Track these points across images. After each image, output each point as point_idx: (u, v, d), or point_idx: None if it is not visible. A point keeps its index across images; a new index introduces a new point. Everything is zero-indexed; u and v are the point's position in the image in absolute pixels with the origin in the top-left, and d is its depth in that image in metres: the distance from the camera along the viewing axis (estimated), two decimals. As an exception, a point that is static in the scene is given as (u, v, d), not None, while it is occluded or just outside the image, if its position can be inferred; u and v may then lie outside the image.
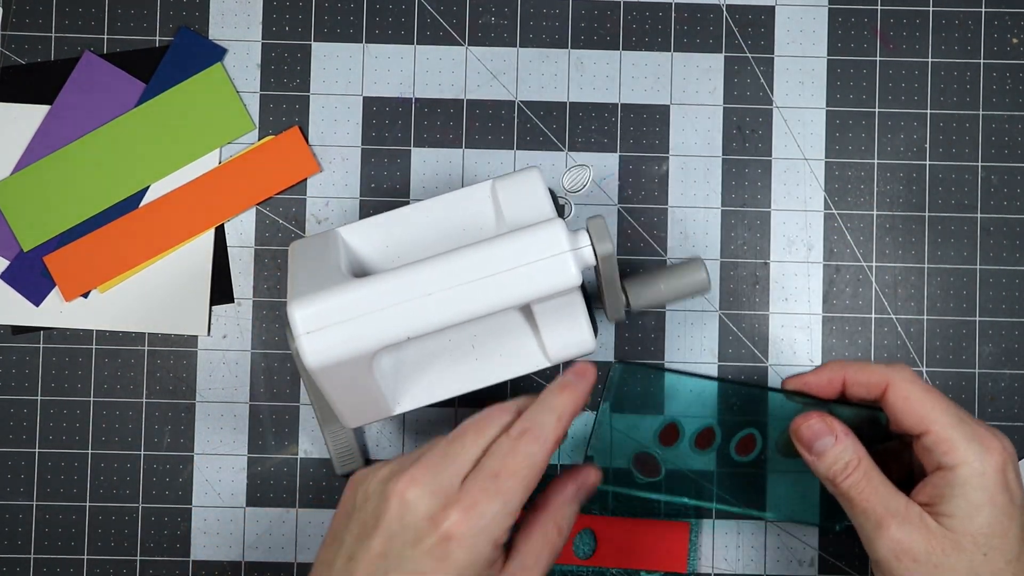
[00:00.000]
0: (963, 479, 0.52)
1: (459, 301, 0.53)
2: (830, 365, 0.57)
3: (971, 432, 0.53)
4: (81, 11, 0.69)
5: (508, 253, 0.54)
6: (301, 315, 0.53)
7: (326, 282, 0.54)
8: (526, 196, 0.57)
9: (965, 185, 0.69)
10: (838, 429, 0.54)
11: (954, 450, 0.52)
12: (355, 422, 0.59)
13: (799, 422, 0.55)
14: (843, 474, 0.54)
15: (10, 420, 0.68)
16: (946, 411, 0.53)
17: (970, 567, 0.52)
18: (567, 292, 0.55)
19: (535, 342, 0.59)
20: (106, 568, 0.67)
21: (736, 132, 0.69)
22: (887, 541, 0.53)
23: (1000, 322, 0.68)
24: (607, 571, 0.67)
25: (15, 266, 0.68)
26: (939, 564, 0.52)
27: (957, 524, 0.52)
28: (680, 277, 0.59)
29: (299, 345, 0.53)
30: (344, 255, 0.58)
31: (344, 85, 0.69)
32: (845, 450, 0.54)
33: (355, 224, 0.59)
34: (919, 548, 0.52)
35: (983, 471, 0.52)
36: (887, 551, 0.53)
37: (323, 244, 0.58)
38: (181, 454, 0.68)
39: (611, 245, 0.55)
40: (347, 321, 0.53)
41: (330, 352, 0.53)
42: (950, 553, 0.52)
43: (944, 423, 0.53)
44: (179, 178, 0.68)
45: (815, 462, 0.55)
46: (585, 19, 0.69)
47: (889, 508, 0.53)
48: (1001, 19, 0.69)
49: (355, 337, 0.53)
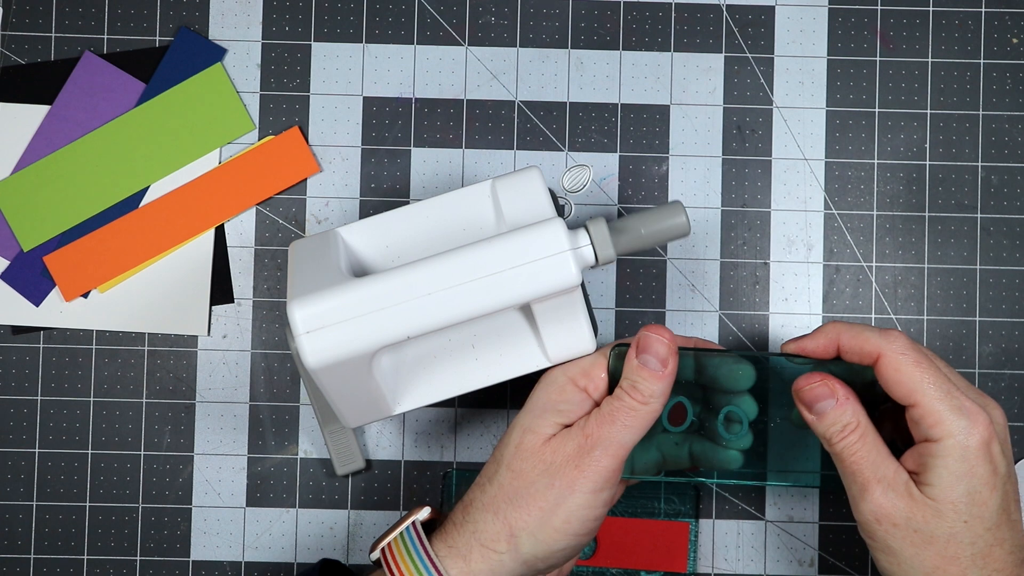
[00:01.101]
0: (946, 451, 0.53)
1: (459, 301, 0.53)
2: (827, 328, 0.58)
3: (958, 405, 0.54)
4: (81, 11, 0.69)
5: (508, 252, 0.53)
6: (301, 315, 0.53)
7: (326, 282, 0.54)
8: (526, 195, 0.57)
9: (965, 185, 0.69)
10: (839, 392, 0.55)
11: (939, 423, 0.53)
12: (355, 422, 0.59)
13: (801, 383, 0.56)
14: (839, 435, 0.55)
15: (10, 420, 0.68)
16: (935, 384, 0.54)
17: (951, 533, 0.53)
18: (567, 291, 0.55)
19: (535, 342, 0.59)
20: (106, 568, 0.67)
21: (736, 132, 0.69)
22: (870, 504, 0.54)
23: (1000, 322, 0.68)
24: (607, 571, 0.67)
25: (15, 266, 0.68)
26: (919, 530, 0.54)
27: (938, 493, 0.53)
28: (660, 221, 0.58)
29: (299, 345, 0.53)
30: (344, 255, 0.58)
31: (344, 85, 0.69)
32: (844, 413, 0.55)
33: (355, 224, 0.59)
34: (900, 514, 0.54)
35: (966, 444, 0.53)
36: (868, 513, 0.54)
37: (323, 244, 0.58)
38: (181, 454, 0.68)
39: (612, 251, 0.56)
40: (347, 321, 0.53)
41: (330, 352, 0.53)
42: (930, 520, 0.53)
43: (931, 396, 0.54)
44: (179, 178, 0.68)
45: (815, 422, 0.56)
46: (585, 19, 0.69)
47: (877, 473, 0.54)
48: (1001, 19, 0.69)
49: (355, 337, 0.53)
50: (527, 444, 0.56)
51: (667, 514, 0.67)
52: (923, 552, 0.54)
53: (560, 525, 0.55)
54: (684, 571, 0.67)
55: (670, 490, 0.67)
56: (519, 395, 0.68)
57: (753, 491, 0.68)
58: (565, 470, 0.55)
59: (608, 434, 0.55)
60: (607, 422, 0.55)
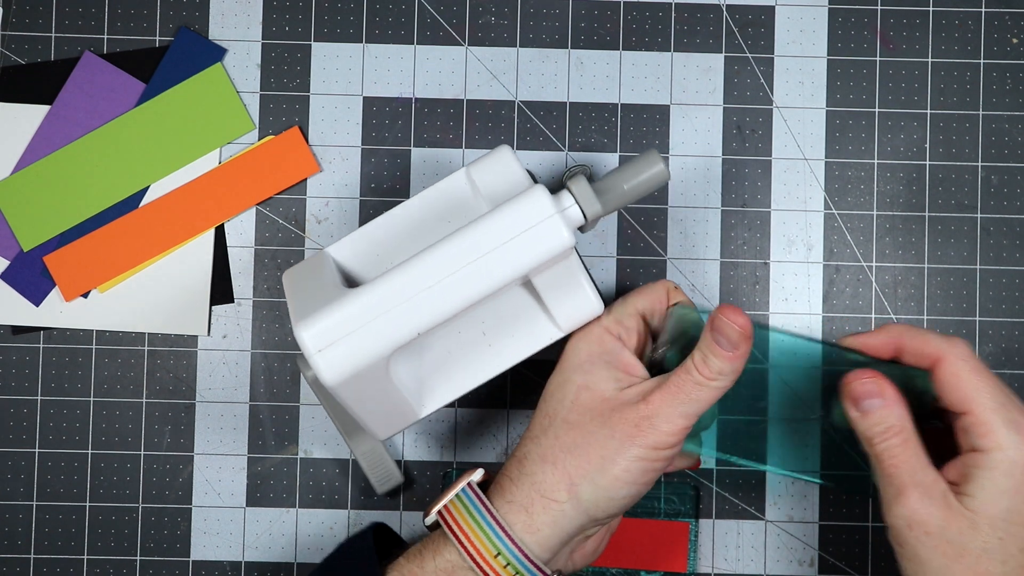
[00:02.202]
0: (994, 463, 0.52)
1: (460, 287, 0.53)
2: (890, 327, 0.57)
3: (1012, 419, 0.53)
4: (81, 11, 0.69)
5: (497, 229, 0.53)
6: (309, 334, 0.53)
7: (327, 299, 0.54)
8: (502, 174, 0.57)
9: (965, 185, 0.69)
10: (888, 393, 0.54)
11: (990, 433, 0.52)
12: (385, 432, 0.58)
13: (852, 377, 0.55)
14: (881, 436, 0.54)
15: (10, 420, 0.68)
16: (992, 395, 0.53)
17: (984, 548, 0.52)
18: (562, 256, 0.54)
19: (544, 316, 0.59)
20: (106, 568, 0.67)
21: (736, 132, 0.69)
22: (903, 509, 0.53)
23: (1000, 322, 0.68)
24: (607, 571, 0.67)
25: (15, 266, 0.68)
26: (952, 541, 0.52)
27: (978, 505, 0.52)
28: (640, 173, 0.57)
29: (314, 364, 0.53)
30: (337, 273, 0.58)
31: (344, 85, 0.69)
32: (890, 414, 0.54)
33: (341, 241, 0.59)
34: (935, 522, 0.52)
35: (1015, 459, 0.52)
36: (901, 519, 0.53)
37: (315, 267, 0.58)
38: (181, 454, 0.68)
39: (598, 206, 0.55)
40: (356, 331, 0.53)
41: (346, 365, 0.53)
42: (965, 532, 0.52)
43: (986, 406, 0.53)
44: (179, 178, 0.68)
45: (859, 418, 0.55)
46: (585, 19, 0.69)
47: (915, 478, 0.53)
48: (1001, 19, 0.69)
49: (367, 345, 0.53)
50: (584, 400, 0.55)
51: (667, 514, 0.67)
52: (953, 565, 0.52)
53: (620, 473, 0.54)
54: (684, 571, 0.67)
55: (670, 490, 0.67)
56: (519, 394, 0.68)
57: (753, 491, 0.68)
58: (625, 427, 0.54)
59: (671, 406, 0.54)
60: (671, 393, 0.54)
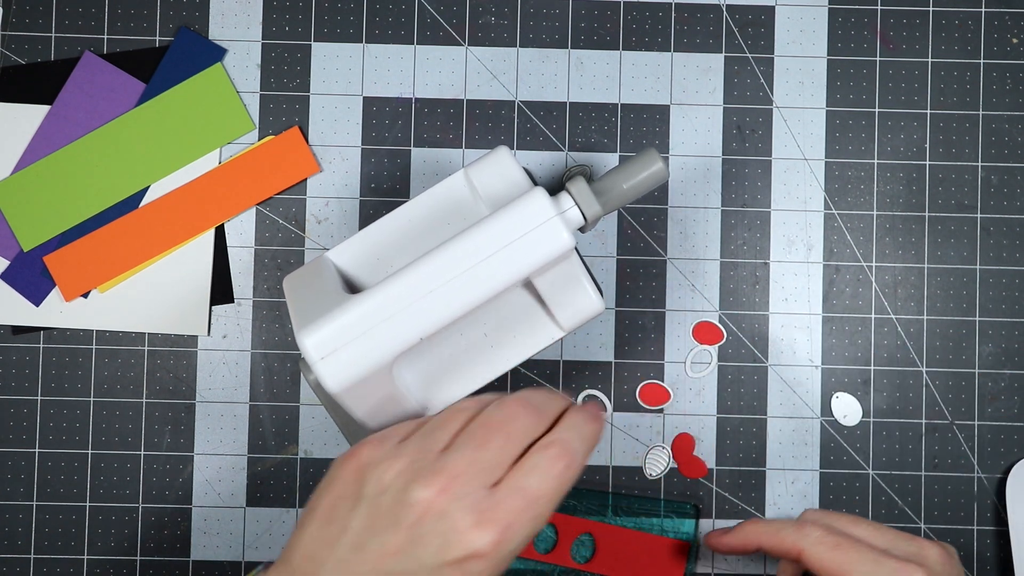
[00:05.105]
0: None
1: (461, 291, 0.53)
2: (744, 529, 0.61)
3: (890, 571, 0.56)
4: (81, 11, 0.69)
5: (497, 232, 0.53)
6: (311, 342, 0.53)
7: (328, 306, 0.54)
8: (500, 175, 0.57)
9: (965, 185, 0.69)
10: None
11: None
12: None
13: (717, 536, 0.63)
14: None
15: (10, 420, 0.68)
16: (860, 560, 0.57)
17: None
18: (563, 257, 0.54)
19: (545, 316, 0.59)
20: (106, 568, 0.67)
21: (736, 132, 0.69)
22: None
23: (1000, 322, 0.68)
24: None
25: (15, 266, 0.68)
26: None
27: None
28: (638, 172, 0.57)
29: (317, 372, 0.52)
30: (338, 277, 0.58)
31: (344, 85, 0.69)
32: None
33: (341, 245, 0.59)
34: None
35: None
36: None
37: (316, 272, 0.58)
38: (181, 454, 0.68)
39: (597, 207, 0.55)
40: (358, 338, 0.52)
41: (349, 372, 0.53)
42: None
43: (862, 572, 0.57)
44: (179, 178, 0.68)
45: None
46: (585, 19, 0.69)
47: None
48: (1001, 19, 0.69)
49: (369, 351, 0.53)
50: None
51: (667, 531, 0.67)
52: None
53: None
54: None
55: (669, 508, 0.67)
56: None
57: (753, 491, 0.68)
58: None
59: None
60: None
